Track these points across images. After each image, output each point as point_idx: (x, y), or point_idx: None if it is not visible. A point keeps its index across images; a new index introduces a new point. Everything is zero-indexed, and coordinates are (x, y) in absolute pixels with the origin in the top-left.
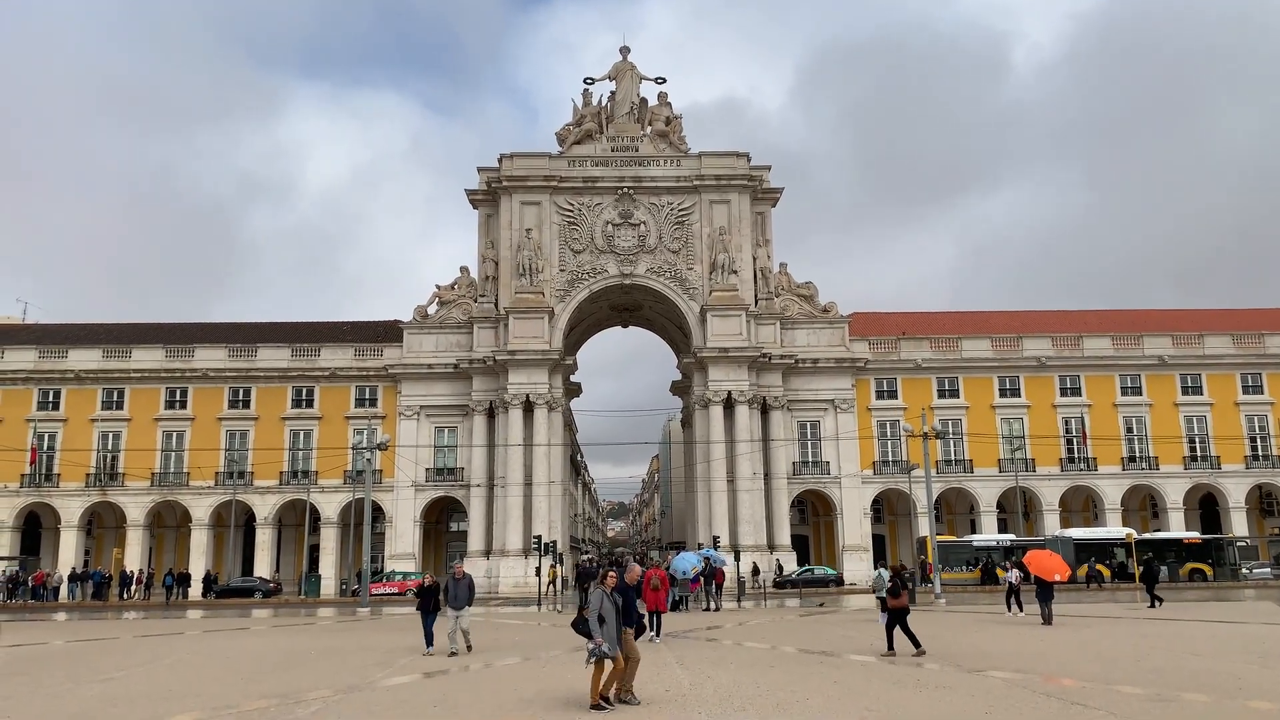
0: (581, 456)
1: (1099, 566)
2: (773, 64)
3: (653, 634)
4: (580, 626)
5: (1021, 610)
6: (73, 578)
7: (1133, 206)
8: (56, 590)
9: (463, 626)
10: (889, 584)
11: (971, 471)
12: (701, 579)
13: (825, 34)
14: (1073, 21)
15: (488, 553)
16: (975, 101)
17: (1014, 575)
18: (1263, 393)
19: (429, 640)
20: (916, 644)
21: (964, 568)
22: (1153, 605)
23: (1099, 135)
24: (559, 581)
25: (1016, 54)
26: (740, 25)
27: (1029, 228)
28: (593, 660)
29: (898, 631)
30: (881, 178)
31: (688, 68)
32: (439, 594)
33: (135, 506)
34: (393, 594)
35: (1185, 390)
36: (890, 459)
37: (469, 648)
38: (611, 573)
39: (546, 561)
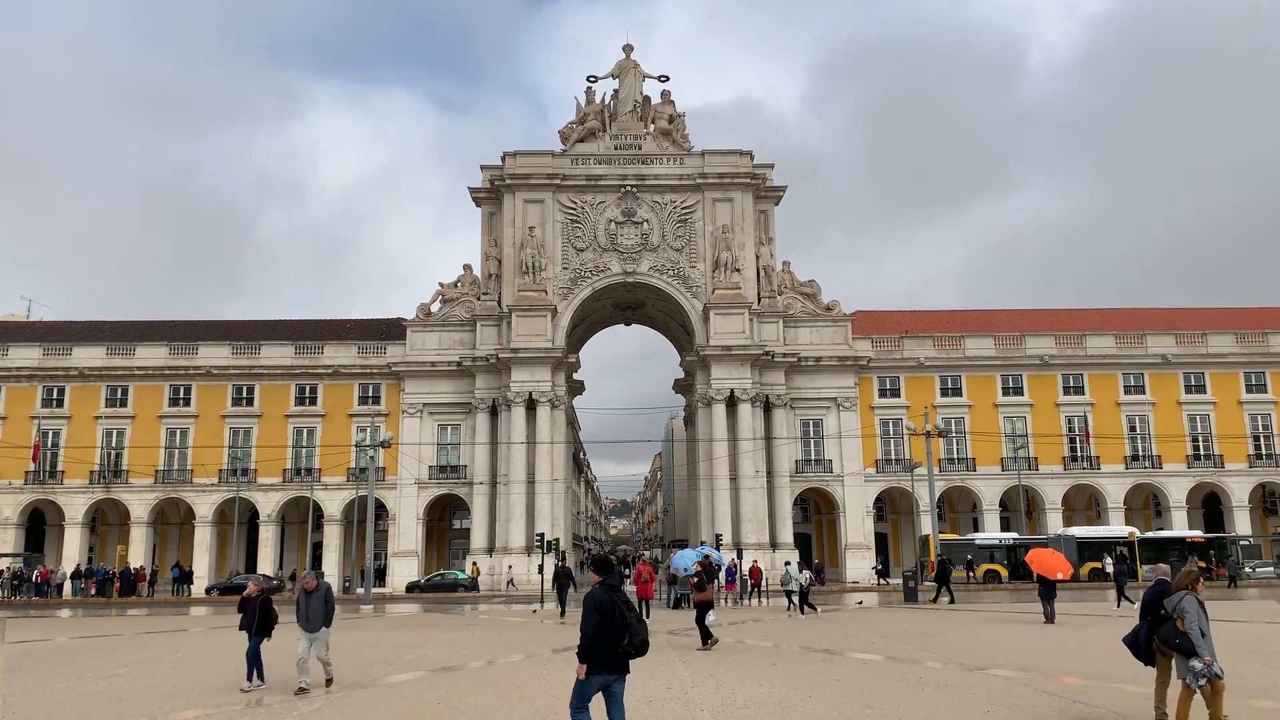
0: (584, 454)
1: (1096, 565)
2: (787, 64)
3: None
4: (1178, 642)
5: (802, 613)
6: (76, 574)
7: (1142, 206)
8: (60, 587)
9: (318, 654)
10: (694, 578)
11: (974, 470)
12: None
13: (839, 35)
14: (1087, 24)
15: (490, 550)
16: (989, 103)
17: (804, 577)
18: (1266, 392)
19: (251, 669)
20: (705, 638)
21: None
22: (935, 600)
23: (1111, 136)
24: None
25: (1031, 56)
26: (754, 25)
27: (1040, 228)
28: (1201, 683)
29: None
30: (894, 178)
31: (701, 68)
32: (269, 611)
33: (139, 503)
34: None
35: (1189, 389)
36: (893, 457)
37: (329, 681)
38: (1194, 571)
39: (517, 559)
